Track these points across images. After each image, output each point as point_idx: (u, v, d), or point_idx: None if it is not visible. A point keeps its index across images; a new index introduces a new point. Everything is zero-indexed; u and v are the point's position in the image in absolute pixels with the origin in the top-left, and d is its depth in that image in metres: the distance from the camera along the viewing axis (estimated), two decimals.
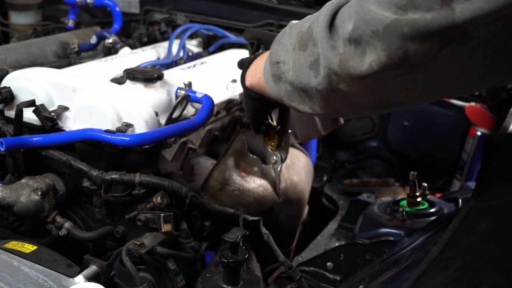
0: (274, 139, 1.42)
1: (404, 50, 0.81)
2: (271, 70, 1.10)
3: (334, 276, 1.39)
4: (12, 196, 1.36)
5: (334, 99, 0.99)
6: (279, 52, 1.08)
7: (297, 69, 1.02)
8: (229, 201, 1.50)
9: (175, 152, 1.74)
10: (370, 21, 0.83)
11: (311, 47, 0.98)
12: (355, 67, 0.88)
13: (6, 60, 1.79)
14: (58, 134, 1.40)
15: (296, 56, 1.02)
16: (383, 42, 0.83)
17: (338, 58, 0.90)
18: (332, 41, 0.91)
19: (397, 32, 0.80)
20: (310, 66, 0.98)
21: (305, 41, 0.99)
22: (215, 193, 1.49)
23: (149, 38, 2.19)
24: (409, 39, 0.80)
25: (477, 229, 0.99)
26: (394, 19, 0.80)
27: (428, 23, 0.78)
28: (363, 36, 0.85)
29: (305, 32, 0.99)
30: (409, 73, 0.85)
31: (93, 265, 1.01)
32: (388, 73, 0.86)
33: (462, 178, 2.07)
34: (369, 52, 0.85)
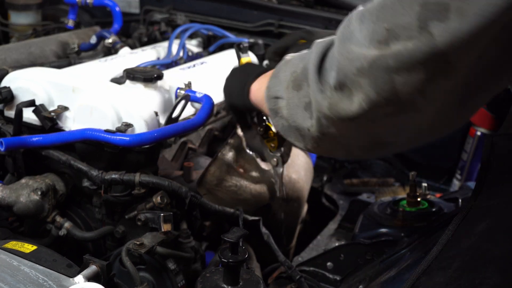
0: (274, 141, 1.41)
1: (391, 84, 0.81)
2: (269, 104, 1.09)
3: (334, 276, 1.38)
4: (12, 196, 1.36)
5: (325, 142, 0.99)
6: (276, 87, 1.07)
7: (291, 108, 1.01)
8: (225, 197, 1.50)
9: (175, 152, 1.74)
10: (354, 59, 0.83)
11: (305, 88, 0.97)
12: (345, 109, 0.88)
13: (6, 60, 1.79)
14: (58, 134, 1.40)
15: (290, 95, 1.01)
16: (370, 79, 0.82)
17: (327, 101, 0.90)
18: (320, 85, 0.91)
19: (383, 66, 0.80)
20: (305, 107, 0.98)
21: (300, 82, 0.98)
22: (212, 188, 1.48)
23: (149, 38, 2.19)
24: (395, 72, 0.79)
25: (477, 229, 0.99)
26: (379, 53, 0.80)
27: (411, 52, 0.77)
28: (349, 76, 0.85)
29: (300, 72, 0.99)
30: (399, 113, 0.85)
31: (93, 265, 1.01)
32: (378, 112, 0.85)
33: (462, 178, 2.07)
34: (356, 91, 0.85)
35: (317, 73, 0.92)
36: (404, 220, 1.42)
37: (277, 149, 1.43)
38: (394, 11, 0.78)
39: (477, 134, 2.02)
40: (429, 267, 0.97)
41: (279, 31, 2.29)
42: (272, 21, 2.29)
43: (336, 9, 2.34)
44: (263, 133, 1.41)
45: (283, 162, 1.44)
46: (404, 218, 1.42)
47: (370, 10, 0.82)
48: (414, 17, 0.76)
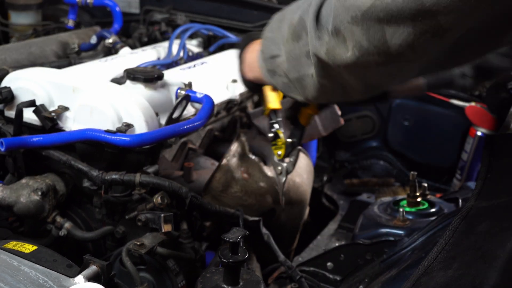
0: (281, 149, 1.40)
1: (381, 33, 0.85)
2: (266, 65, 1.13)
3: (334, 276, 1.39)
4: (12, 196, 1.36)
5: (326, 86, 1.02)
6: (271, 47, 1.10)
7: (293, 59, 1.05)
8: (231, 202, 1.50)
9: (175, 152, 1.74)
10: (349, 7, 0.87)
11: (305, 37, 1.00)
12: (341, 55, 0.92)
13: (6, 60, 1.79)
14: (58, 134, 1.40)
15: (290, 48, 1.04)
16: (362, 27, 0.86)
17: (325, 47, 0.94)
18: (318, 32, 0.95)
19: (374, 17, 0.84)
20: (307, 55, 1.01)
21: (298, 32, 1.02)
22: (217, 195, 1.49)
23: (149, 38, 2.19)
24: (386, 23, 0.83)
25: (477, 229, 0.99)
26: (371, 4, 0.83)
27: (400, 7, 0.81)
28: (343, 23, 0.89)
29: (297, 23, 1.02)
30: (389, 62, 0.89)
31: (93, 265, 1.01)
32: (370, 60, 0.89)
33: (462, 178, 2.07)
34: (349, 38, 0.89)
35: (315, 20, 0.95)
36: (404, 220, 1.42)
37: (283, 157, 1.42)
38: None
39: (477, 134, 2.02)
40: (430, 267, 0.97)
41: None
42: None
43: None
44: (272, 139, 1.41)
45: (287, 173, 1.43)
46: (404, 218, 1.43)
47: None
48: None
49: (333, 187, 2.19)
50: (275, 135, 1.39)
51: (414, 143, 2.25)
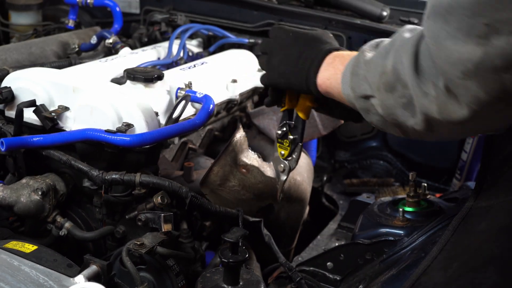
0: (286, 150, 1.39)
1: (500, 82, 0.78)
2: (357, 104, 1.05)
3: (334, 276, 1.38)
4: (12, 196, 1.36)
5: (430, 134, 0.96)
6: (363, 87, 1.02)
7: (388, 108, 0.98)
8: (229, 196, 1.50)
9: (175, 152, 1.74)
10: (456, 62, 0.80)
11: (401, 89, 0.93)
12: (456, 112, 0.85)
13: (7, 60, 1.79)
14: (59, 134, 1.40)
15: (384, 97, 0.98)
16: (477, 81, 0.79)
17: (435, 104, 0.87)
18: (423, 86, 0.88)
19: (490, 67, 0.78)
20: (404, 107, 0.94)
21: (393, 84, 0.94)
22: (215, 188, 1.48)
23: (149, 38, 2.19)
24: (504, 70, 0.77)
25: (477, 229, 0.99)
26: (482, 54, 0.77)
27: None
28: (454, 80, 0.82)
29: (390, 74, 0.95)
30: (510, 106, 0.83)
31: (93, 265, 1.01)
32: (490, 110, 0.83)
33: (462, 178, 2.07)
34: (463, 94, 0.82)
35: (415, 73, 0.89)
36: (404, 220, 1.42)
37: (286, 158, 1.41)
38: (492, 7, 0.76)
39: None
40: (429, 267, 0.97)
41: None
42: (272, 21, 2.28)
43: (336, 9, 2.34)
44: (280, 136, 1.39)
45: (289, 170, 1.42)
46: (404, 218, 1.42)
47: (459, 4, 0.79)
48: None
49: (333, 187, 2.19)
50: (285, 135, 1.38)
51: (414, 143, 2.25)
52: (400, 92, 0.94)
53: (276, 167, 1.42)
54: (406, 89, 0.92)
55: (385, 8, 2.22)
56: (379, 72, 0.97)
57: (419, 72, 0.88)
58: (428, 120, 0.91)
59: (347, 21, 2.20)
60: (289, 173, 1.41)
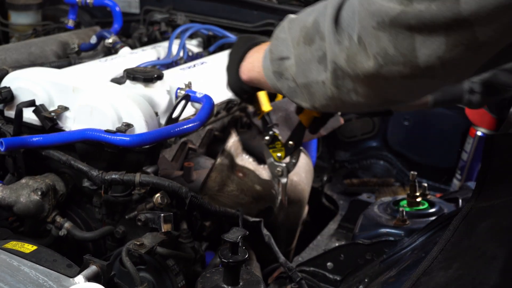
0: (281, 151, 1.39)
1: (411, 41, 0.79)
2: (272, 67, 1.07)
3: (334, 276, 1.38)
4: (12, 196, 1.36)
5: (336, 96, 0.97)
6: (280, 48, 1.04)
7: (303, 63, 0.99)
8: (228, 201, 1.50)
9: (175, 152, 1.74)
10: (375, 12, 0.81)
11: (318, 41, 0.95)
12: (362, 63, 0.86)
13: (6, 60, 1.79)
14: (58, 134, 1.40)
15: (301, 51, 0.99)
16: (390, 33, 0.81)
17: (345, 53, 0.88)
18: (338, 36, 0.89)
19: (404, 24, 0.79)
20: (319, 60, 0.95)
21: (311, 36, 0.96)
22: (214, 194, 1.49)
23: (149, 38, 2.19)
24: (417, 31, 0.78)
25: (477, 229, 0.99)
26: (400, 10, 0.78)
27: (434, 15, 0.75)
28: (367, 29, 0.83)
29: (310, 26, 0.97)
30: (414, 77, 0.83)
31: (93, 265, 1.01)
32: (394, 70, 0.84)
33: (462, 178, 2.07)
34: (373, 45, 0.83)
35: (334, 23, 0.90)
36: (404, 220, 1.42)
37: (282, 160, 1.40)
38: None
39: (477, 134, 2.02)
40: (430, 267, 0.97)
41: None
42: (272, 21, 2.29)
43: None
44: (269, 142, 1.39)
45: (288, 172, 1.42)
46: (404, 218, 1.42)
47: None
48: None
49: (333, 187, 2.19)
50: (273, 138, 1.38)
51: (414, 143, 2.25)
52: (317, 45, 0.95)
53: (273, 172, 1.42)
54: (323, 41, 0.94)
55: None
56: (301, 27, 0.99)
57: (337, 22, 0.90)
58: (337, 71, 0.92)
59: None
60: (287, 175, 1.41)
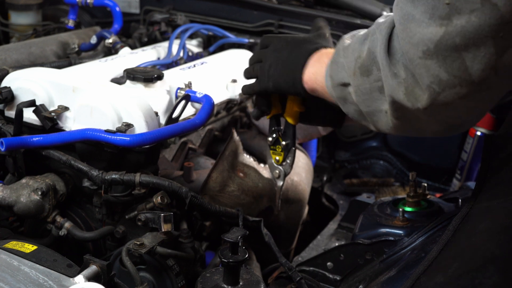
0: (280, 155, 1.39)
1: (460, 60, 0.78)
2: (335, 93, 1.05)
3: (334, 276, 1.38)
4: (12, 196, 1.36)
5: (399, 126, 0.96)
6: (341, 74, 1.02)
7: (363, 94, 0.97)
8: (229, 201, 1.50)
9: (175, 152, 1.74)
10: (418, 42, 0.80)
11: (376, 72, 0.93)
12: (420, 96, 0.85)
13: (6, 60, 1.79)
14: (58, 134, 1.40)
15: (359, 82, 0.97)
16: (438, 59, 0.79)
17: (403, 86, 0.87)
18: (393, 67, 0.88)
19: (450, 45, 0.77)
20: (380, 90, 0.94)
21: (368, 67, 0.95)
22: (215, 194, 1.49)
23: (149, 38, 2.19)
24: (463, 48, 0.77)
25: (477, 229, 0.99)
26: (443, 32, 0.77)
27: (477, 26, 0.74)
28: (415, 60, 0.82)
29: (366, 57, 0.95)
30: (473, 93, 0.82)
31: (93, 265, 1.01)
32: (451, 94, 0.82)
33: (462, 178, 2.07)
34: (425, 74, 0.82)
35: (387, 55, 0.88)
36: (404, 220, 1.42)
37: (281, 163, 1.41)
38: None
39: (477, 134, 2.02)
40: (429, 267, 0.97)
41: (279, 31, 2.29)
42: (272, 21, 2.29)
43: (336, 9, 2.34)
44: (271, 143, 1.39)
45: (285, 175, 1.42)
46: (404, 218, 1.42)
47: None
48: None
49: (333, 187, 2.19)
50: (275, 141, 1.39)
51: (414, 143, 2.25)
52: (375, 75, 0.94)
53: (272, 173, 1.43)
54: (380, 71, 0.92)
55: (385, 8, 2.22)
56: (355, 57, 0.98)
57: (390, 53, 0.89)
58: (394, 105, 0.91)
59: (347, 21, 2.20)
60: (284, 178, 1.42)
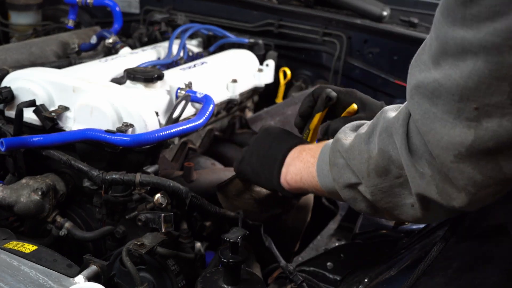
0: None
1: (495, 162, 0.75)
2: (343, 194, 1.01)
3: (334, 276, 1.38)
4: (12, 196, 1.36)
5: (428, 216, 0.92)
6: (346, 175, 0.97)
7: (382, 192, 0.93)
8: (241, 206, 1.48)
9: (176, 152, 1.74)
10: (448, 146, 0.76)
11: (396, 170, 0.88)
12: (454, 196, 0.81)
13: (7, 60, 1.79)
14: (59, 134, 1.40)
15: (376, 182, 0.92)
16: (471, 162, 0.76)
17: (433, 184, 0.83)
18: (418, 166, 0.83)
19: (482, 149, 0.74)
20: (402, 185, 0.90)
21: (385, 167, 0.90)
22: (230, 196, 1.47)
23: (149, 38, 2.19)
24: (497, 152, 0.74)
25: (477, 229, 0.99)
26: (474, 137, 0.73)
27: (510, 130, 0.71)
28: (447, 164, 0.78)
29: (379, 158, 0.90)
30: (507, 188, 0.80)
31: (93, 265, 1.01)
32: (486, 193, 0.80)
33: None
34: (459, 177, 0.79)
35: (410, 156, 0.84)
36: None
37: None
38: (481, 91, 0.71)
39: None
40: (429, 267, 0.97)
41: (279, 31, 2.29)
42: (272, 21, 2.29)
43: (336, 9, 2.34)
44: None
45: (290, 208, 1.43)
46: None
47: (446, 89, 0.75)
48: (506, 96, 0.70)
49: None
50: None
51: None
52: (395, 173, 0.89)
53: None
54: (402, 169, 0.88)
55: (385, 8, 2.23)
56: (365, 158, 0.92)
57: (412, 151, 0.84)
58: (425, 201, 0.87)
59: (347, 21, 2.20)
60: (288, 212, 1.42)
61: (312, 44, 2.26)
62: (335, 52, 2.19)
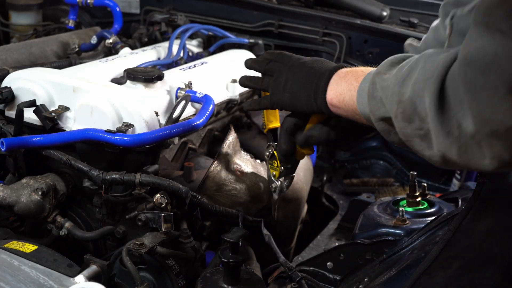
0: (276, 170, 1.40)
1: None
2: (378, 127, 1.01)
3: (334, 276, 1.39)
4: (12, 196, 1.36)
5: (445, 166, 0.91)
6: (381, 110, 0.97)
7: (405, 135, 0.93)
8: (226, 201, 1.50)
9: (176, 152, 1.74)
10: (488, 121, 0.76)
11: (418, 122, 0.88)
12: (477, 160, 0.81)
13: (7, 60, 1.79)
14: (59, 134, 1.40)
15: (401, 125, 0.92)
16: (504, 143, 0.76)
17: (456, 145, 0.82)
18: (445, 126, 0.82)
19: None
20: (421, 138, 0.89)
21: (410, 115, 0.89)
22: (212, 194, 1.48)
23: (149, 38, 2.19)
24: None
25: (477, 229, 0.99)
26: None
27: None
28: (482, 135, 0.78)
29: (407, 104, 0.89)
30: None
31: (93, 264, 1.01)
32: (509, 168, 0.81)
33: (462, 178, 2.07)
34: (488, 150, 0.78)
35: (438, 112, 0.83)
36: (403, 220, 1.42)
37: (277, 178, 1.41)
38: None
39: None
40: (429, 267, 0.97)
41: (279, 31, 2.29)
42: (272, 21, 2.29)
43: (336, 9, 2.34)
44: (268, 158, 1.40)
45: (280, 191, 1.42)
46: (404, 218, 1.43)
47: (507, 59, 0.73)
48: None
49: (333, 187, 2.19)
50: (271, 156, 1.39)
51: None
52: (417, 125, 0.89)
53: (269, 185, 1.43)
54: (423, 123, 0.87)
55: (385, 8, 2.23)
56: (396, 101, 0.92)
57: (444, 108, 0.82)
58: (445, 158, 0.86)
59: (347, 21, 2.20)
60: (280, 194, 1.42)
61: (312, 44, 2.26)
62: (335, 52, 2.19)
